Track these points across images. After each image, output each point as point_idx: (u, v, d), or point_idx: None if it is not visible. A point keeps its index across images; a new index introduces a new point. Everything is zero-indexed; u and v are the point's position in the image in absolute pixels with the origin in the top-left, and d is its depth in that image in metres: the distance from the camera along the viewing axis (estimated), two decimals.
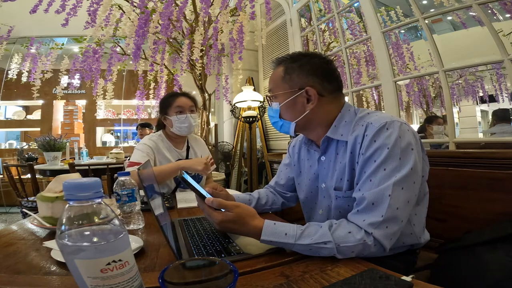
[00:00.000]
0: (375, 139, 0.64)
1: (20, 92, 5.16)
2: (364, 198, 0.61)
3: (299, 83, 0.74)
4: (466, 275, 0.68)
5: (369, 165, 0.63)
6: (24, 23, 3.46)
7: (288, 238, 0.57)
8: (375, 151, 0.63)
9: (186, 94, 1.40)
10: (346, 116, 0.74)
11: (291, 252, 0.58)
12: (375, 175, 0.62)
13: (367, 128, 0.67)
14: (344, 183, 0.71)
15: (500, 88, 1.81)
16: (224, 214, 0.60)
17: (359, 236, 0.57)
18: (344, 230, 0.58)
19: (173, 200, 1.16)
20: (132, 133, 6.36)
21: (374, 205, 0.59)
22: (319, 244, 0.56)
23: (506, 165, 0.98)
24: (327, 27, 2.81)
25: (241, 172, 3.48)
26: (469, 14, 1.69)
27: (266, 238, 0.58)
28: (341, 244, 0.56)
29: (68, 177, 0.86)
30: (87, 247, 0.31)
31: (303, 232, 0.58)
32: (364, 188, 0.63)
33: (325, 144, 0.76)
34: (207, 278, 0.35)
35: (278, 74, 0.77)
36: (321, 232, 0.57)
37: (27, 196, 2.50)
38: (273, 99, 0.78)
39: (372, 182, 0.62)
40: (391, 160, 0.61)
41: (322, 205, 0.81)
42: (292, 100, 0.75)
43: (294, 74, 0.75)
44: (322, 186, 0.80)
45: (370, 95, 2.65)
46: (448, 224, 0.70)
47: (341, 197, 0.72)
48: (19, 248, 0.63)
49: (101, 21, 2.55)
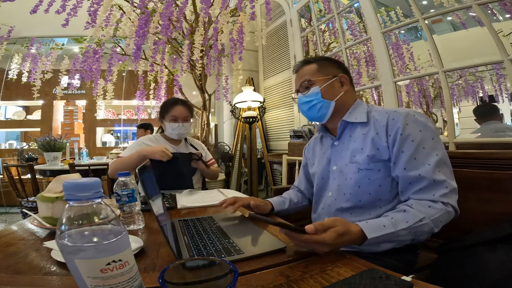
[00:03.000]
0: (407, 123, 0.73)
1: (20, 92, 5.17)
2: (423, 177, 0.69)
3: (332, 72, 0.89)
4: (466, 275, 0.68)
5: (407, 145, 0.72)
6: (24, 23, 3.46)
7: (388, 229, 0.62)
8: (410, 133, 0.72)
9: (184, 103, 1.49)
10: (359, 106, 0.88)
11: (291, 252, 0.58)
12: (418, 154, 0.71)
13: (391, 115, 0.78)
14: (363, 158, 0.79)
15: (500, 89, 1.81)
16: (333, 232, 0.56)
17: (439, 206, 0.66)
18: (423, 207, 0.66)
19: (173, 200, 1.16)
20: (132, 133, 6.36)
21: (436, 182, 0.68)
22: (416, 223, 0.63)
23: (506, 165, 0.98)
24: (327, 28, 2.81)
25: (241, 172, 3.48)
26: (469, 15, 1.68)
27: (373, 235, 0.60)
28: (431, 218, 0.64)
29: (68, 177, 0.86)
30: (87, 247, 0.31)
31: (393, 219, 0.63)
32: (412, 166, 0.71)
33: (342, 128, 0.87)
34: (207, 278, 0.35)
35: (312, 67, 0.90)
36: (411, 214, 0.64)
37: (27, 196, 2.50)
38: (312, 85, 0.88)
39: (418, 160, 0.71)
40: (427, 140, 0.72)
41: (332, 187, 0.87)
42: (330, 83, 0.88)
43: (327, 66, 0.90)
44: (333, 168, 0.88)
45: (370, 95, 2.65)
46: (448, 225, 0.70)
47: (363, 169, 0.79)
48: (19, 248, 0.63)
49: (101, 21, 2.55)
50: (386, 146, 0.76)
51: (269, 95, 3.43)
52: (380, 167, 0.77)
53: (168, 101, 1.51)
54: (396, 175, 0.75)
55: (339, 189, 0.84)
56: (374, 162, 0.77)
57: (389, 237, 0.62)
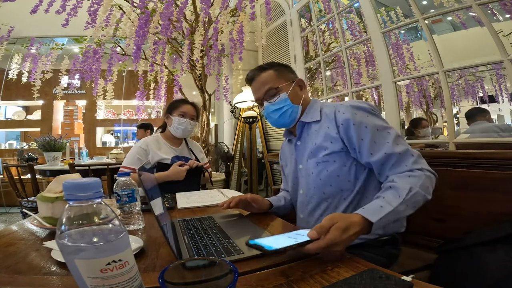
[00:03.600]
0: (355, 112, 0.80)
1: (20, 92, 5.17)
2: (389, 154, 0.74)
3: (290, 77, 0.94)
4: (466, 275, 0.68)
5: (363, 132, 0.78)
6: (24, 23, 3.46)
7: (386, 208, 0.63)
8: (361, 121, 0.78)
9: (193, 104, 1.55)
10: (314, 105, 0.94)
11: (291, 252, 0.58)
12: (375, 136, 0.77)
13: (337, 108, 0.84)
14: (319, 152, 0.85)
15: (500, 89, 1.81)
16: (335, 230, 0.55)
17: (417, 173, 0.70)
18: (403, 179, 0.69)
19: (173, 200, 1.16)
20: (132, 133, 6.37)
21: (401, 154, 0.74)
22: (408, 194, 0.65)
23: (506, 165, 0.98)
24: (327, 28, 2.81)
25: (241, 172, 3.48)
26: (469, 15, 1.68)
27: (377, 218, 0.60)
28: (417, 185, 0.66)
29: (68, 177, 0.86)
30: (87, 247, 0.31)
31: (385, 198, 0.66)
32: (375, 149, 0.76)
33: (300, 128, 0.93)
34: (207, 278, 0.35)
35: (271, 74, 0.92)
36: (398, 188, 0.67)
37: (27, 196, 2.50)
38: (279, 92, 0.91)
39: (378, 142, 0.77)
40: (376, 122, 0.79)
41: (302, 185, 0.92)
42: (293, 88, 0.92)
43: (284, 72, 0.94)
44: (300, 167, 0.93)
45: (370, 95, 2.65)
46: (448, 225, 0.70)
47: (320, 162, 0.84)
48: (19, 248, 0.63)
49: (102, 21, 2.55)
50: (337, 137, 0.82)
51: None
52: (335, 157, 0.83)
53: (178, 99, 1.58)
54: (366, 162, 0.80)
55: (306, 185, 0.89)
56: (328, 154, 0.83)
57: (391, 216, 0.63)
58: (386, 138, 0.76)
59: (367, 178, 0.82)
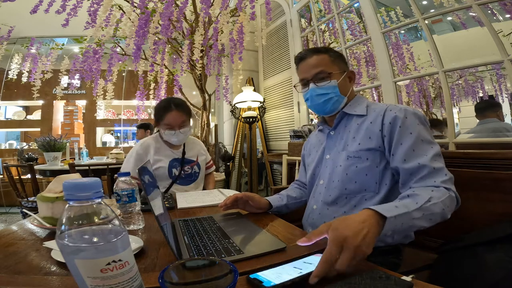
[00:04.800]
0: (406, 116, 0.76)
1: (20, 92, 5.17)
2: (423, 166, 0.71)
3: (342, 67, 0.91)
4: (466, 275, 0.68)
5: (406, 137, 0.75)
6: (24, 23, 3.47)
7: (401, 209, 0.58)
8: (409, 126, 0.75)
9: (179, 106, 1.35)
10: (359, 101, 0.91)
11: (291, 252, 0.58)
12: (416, 146, 0.74)
13: (389, 107, 0.81)
14: (354, 146, 0.82)
15: (500, 89, 1.81)
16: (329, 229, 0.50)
17: (442, 190, 0.66)
18: (426, 191, 0.65)
19: (173, 200, 1.16)
20: (132, 133, 6.37)
21: (435, 170, 0.70)
22: (426, 203, 0.61)
23: (506, 165, 0.98)
24: (327, 28, 2.81)
25: (241, 172, 3.49)
26: (469, 15, 1.69)
27: (391, 214, 0.55)
28: (439, 198, 0.63)
29: (68, 177, 0.86)
30: (87, 247, 0.31)
31: (401, 202, 0.62)
32: (411, 157, 0.73)
33: (339, 119, 0.90)
34: (207, 278, 0.35)
35: (326, 58, 0.89)
36: (417, 196, 0.64)
37: (27, 196, 2.50)
38: (329, 77, 0.88)
39: (416, 152, 0.73)
40: (424, 134, 0.75)
41: (324, 175, 0.90)
42: (344, 78, 0.90)
43: (338, 60, 0.91)
44: (327, 157, 0.91)
45: (370, 95, 2.65)
46: (448, 224, 0.70)
47: (352, 157, 0.82)
48: (19, 248, 0.63)
49: (102, 21, 2.55)
50: (379, 134, 0.79)
51: (269, 95, 3.43)
52: (369, 155, 0.80)
53: (160, 106, 1.37)
54: (395, 167, 0.76)
55: (329, 177, 0.87)
56: (363, 150, 0.80)
57: (405, 219, 0.58)
58: (427, 151, 0.73)
59: (394, 185, 0.79)
